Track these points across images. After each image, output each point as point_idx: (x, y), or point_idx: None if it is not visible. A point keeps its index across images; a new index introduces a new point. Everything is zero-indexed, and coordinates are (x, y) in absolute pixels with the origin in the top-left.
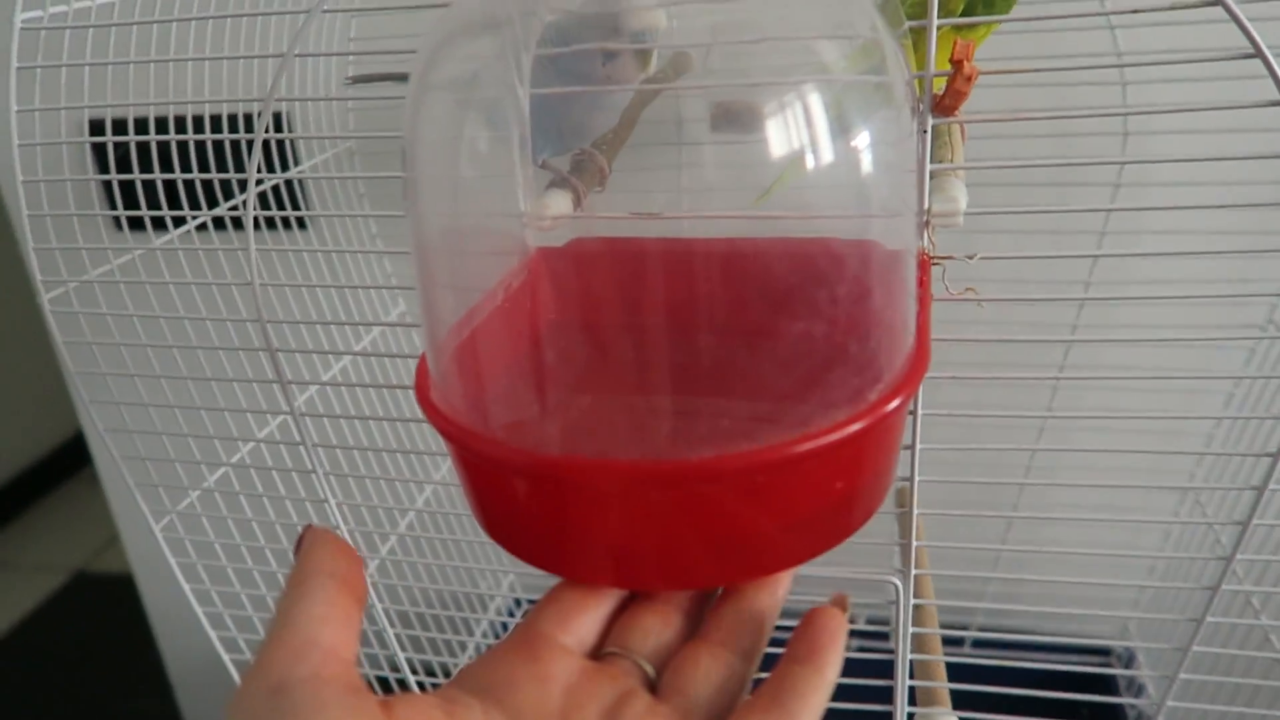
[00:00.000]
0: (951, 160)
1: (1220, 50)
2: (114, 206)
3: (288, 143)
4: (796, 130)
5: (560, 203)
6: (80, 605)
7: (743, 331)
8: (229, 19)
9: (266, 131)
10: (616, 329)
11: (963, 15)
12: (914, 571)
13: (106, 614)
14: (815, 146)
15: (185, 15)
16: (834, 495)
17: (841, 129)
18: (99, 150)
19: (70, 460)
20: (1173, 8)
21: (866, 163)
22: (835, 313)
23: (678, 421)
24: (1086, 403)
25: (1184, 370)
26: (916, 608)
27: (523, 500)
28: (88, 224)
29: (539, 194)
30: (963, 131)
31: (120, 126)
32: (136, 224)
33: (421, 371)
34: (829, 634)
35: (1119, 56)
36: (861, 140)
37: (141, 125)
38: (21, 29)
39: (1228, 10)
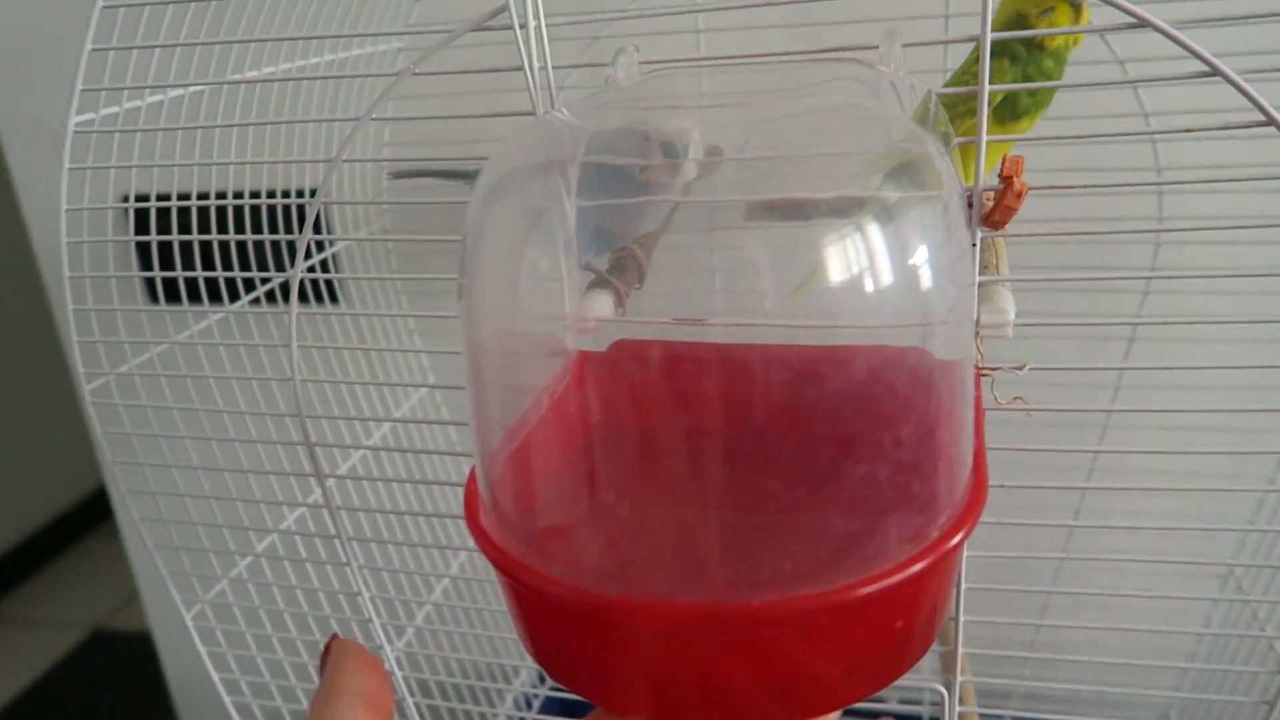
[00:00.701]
0: (997, 270)
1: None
2: (154, 297)
3: (324, 230)
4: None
5: (602, 304)
6: (97, 663)
7: (801, 457)
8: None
9: (312, 229)
10: (666, 450)
11: (997, 112)
12: (960, 679)
13: (124, 673)
14: (863, 258)
15: (229, 122)
16: (894, 634)
17: (895, 243)
18: (143, 245)
19: (90, 515)
20: (1225, 127)
21: (920, 276)
22: (903, 445)
23: (734, 559)
24: (1119, 504)
25: (1220, 462)
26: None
27: (570, 633)
28: (127, 310)
29: (581, 296)
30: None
31: (165, 217)
32: (175, 299)
33: (470, 492)
34: None
35: (1159, 172)
36: (915, 254)
37: (186, 217)
38: (75, 131)
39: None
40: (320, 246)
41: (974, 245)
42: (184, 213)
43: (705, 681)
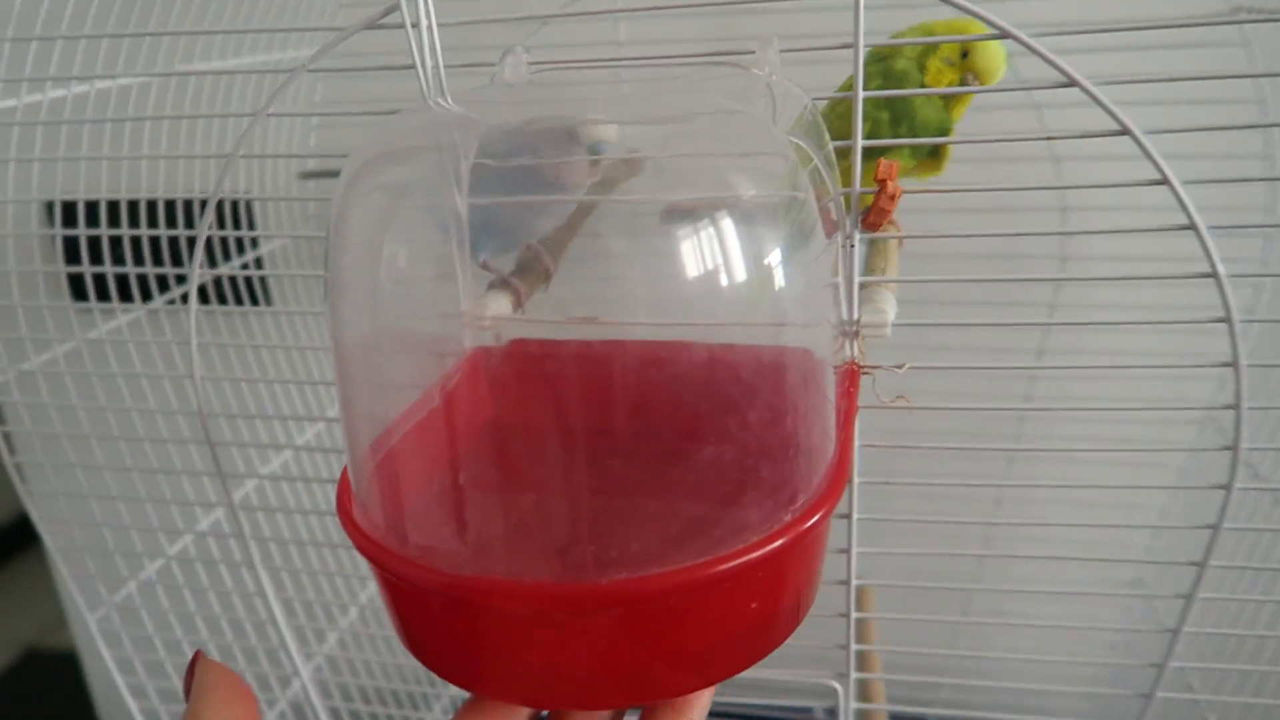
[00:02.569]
0: (884, 273)
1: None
2: (77, 294)
3: (245, 227)
4: (710, 248)
5: (500, 304)
6: (29, 682)
7: (659, 446)
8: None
9: (210, 227)
10: (535, 439)
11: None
12: (855, 675)
13: (55, 691)
14: (732, 260)
15: (142, 115)
16: (750, 616)
17: (754, 243)
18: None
19: (25, 534)
20: (1082, 135)
21: (780, 275)
22: (749, 430)
23: (591, 542)
24: (1043, 472)
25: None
26: (865, 712)
27: (435, 618)
28: (32, 309)
29: (480, 294)
30: (900, 243)
31: (71, 209)
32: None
33: (343, 488)
34: None
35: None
36: (774, 254)
37: (94, 210)
38: None
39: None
40: (254, 244)
41: (851, 246)
42: (97, 207)
43: (564, 664)
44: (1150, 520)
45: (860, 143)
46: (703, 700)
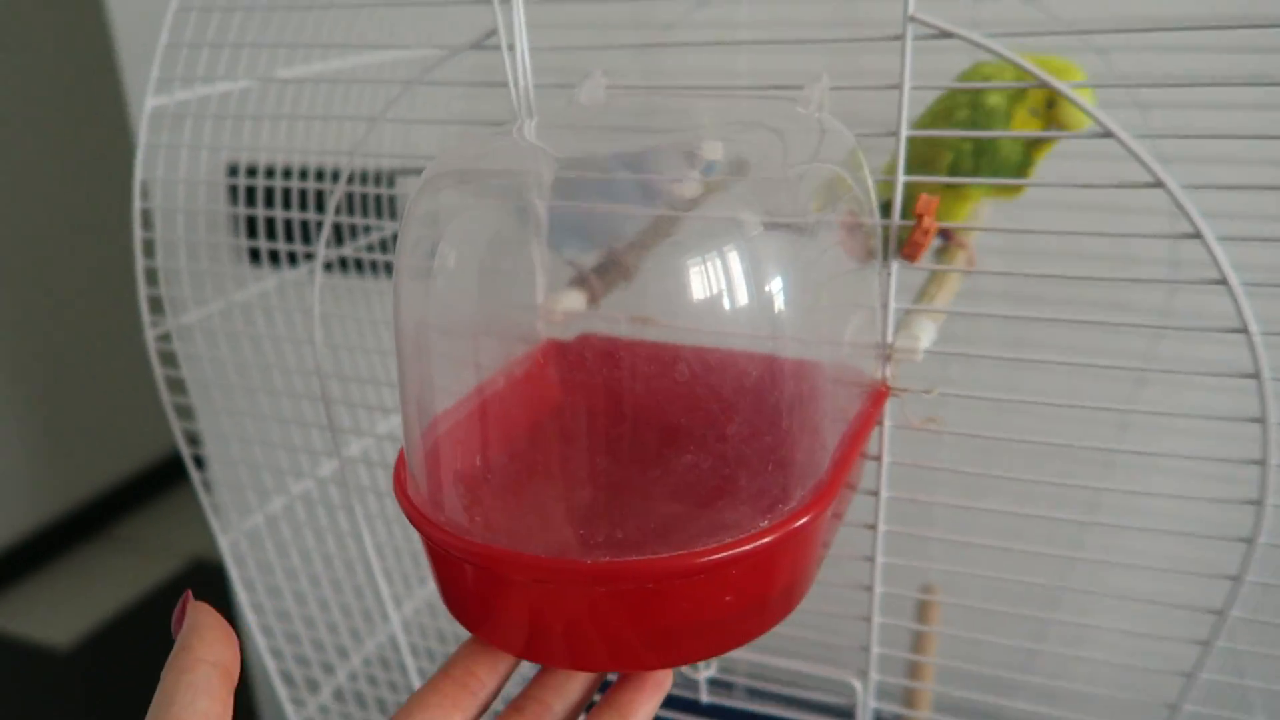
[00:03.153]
0: (934, 300)
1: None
2: (253, 258)
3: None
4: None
5: (573, 299)
6: (191, 585)
7: (662, 444)
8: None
9: (340, 210)
10: (556, 429)
11: (951, 174)
12: (875, 677)
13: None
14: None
15: (278, 113)
16: (724, 607)
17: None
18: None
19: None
20: (1119, 185)
21: (799, 292)
22: (729, 441)
23: (583, 526)
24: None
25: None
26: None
27: (453, 575)
28: (194, 270)
29: (557, 289)
30: (971, 260)
31: (250, 193)
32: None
33: (400, 463)
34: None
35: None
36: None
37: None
38: (150, 112)
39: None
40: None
41: (888, 274)
42: (256, 190)
43: (550, 626)
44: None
45: (901, 178)
46: (645, 709)
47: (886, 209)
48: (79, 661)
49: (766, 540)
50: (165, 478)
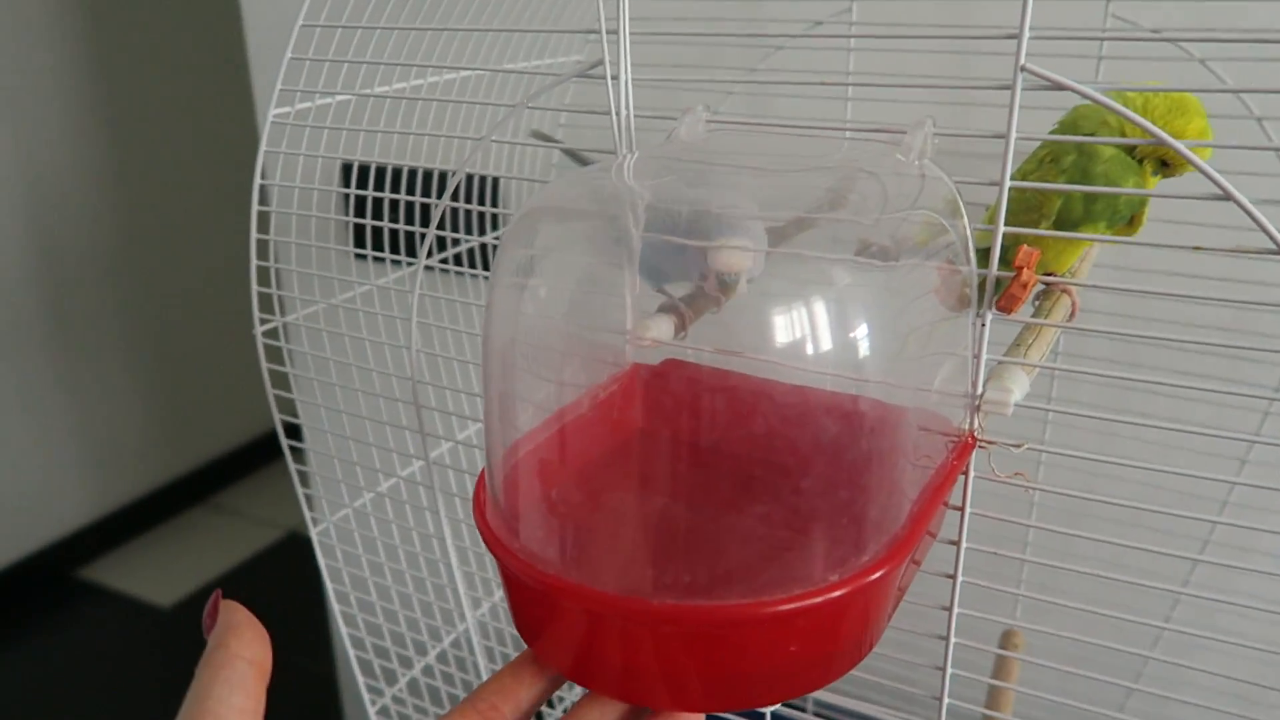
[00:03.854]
0: (1029, 350)
1: None
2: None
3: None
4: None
5: (661, 327)
6: (288, 559)
7: (735, 489)
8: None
9: (444, 220)
10: (640, 463)
11: (1058, 223)
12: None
13: (306, 570)
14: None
15: (389, 129)
16: (787, 657)
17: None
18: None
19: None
20: (1234, 251)
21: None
22: (802, 494)
23: (657, 565)
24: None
25: None
26: None
27: (521, 598)
28: (298, 275)
29: (647, 317)
30: (1072, 316)
31: (361, 203)
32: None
33: (479, 486)
34: None
35: None
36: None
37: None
38: (272, 121)
39: None
40: (494, 224)
41: (982, 325)
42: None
43: (606, 656)
44: None
45: (1001, 229)
46: None
47: (985, 257)
48: (179, 620)
49: (835, 595)
50: (269, 452)
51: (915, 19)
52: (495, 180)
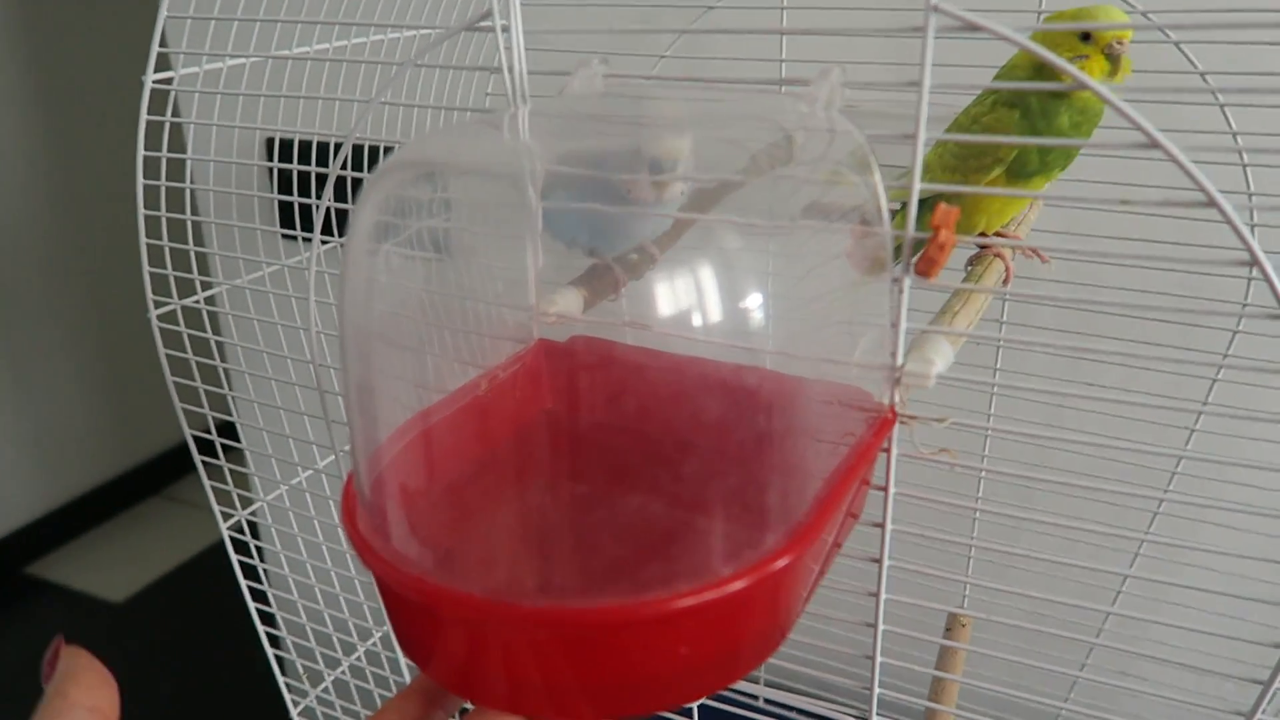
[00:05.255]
0: (955, 318)
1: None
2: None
3: None
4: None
5: (569, 301)
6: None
7: (609, 480)
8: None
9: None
10: (519, 448)
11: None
12: (876, 716)
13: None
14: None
15: (293, 93)
16: (678, 660)
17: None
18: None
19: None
20: (1162, 202)
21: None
22: (690, 480)
23: (529, 566)
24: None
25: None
26: None
27: (400, 607)
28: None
29: (553, 290)
30: (1006, 281)
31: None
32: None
33: (349, 482)
34: None
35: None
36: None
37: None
38: (152, 88)
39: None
40: None
41: (900, 291)
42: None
43: (489, 666)
44: None
45: (917, 186)
46: None
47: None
48: (132, 616)
49: (730, 589)
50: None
51: None
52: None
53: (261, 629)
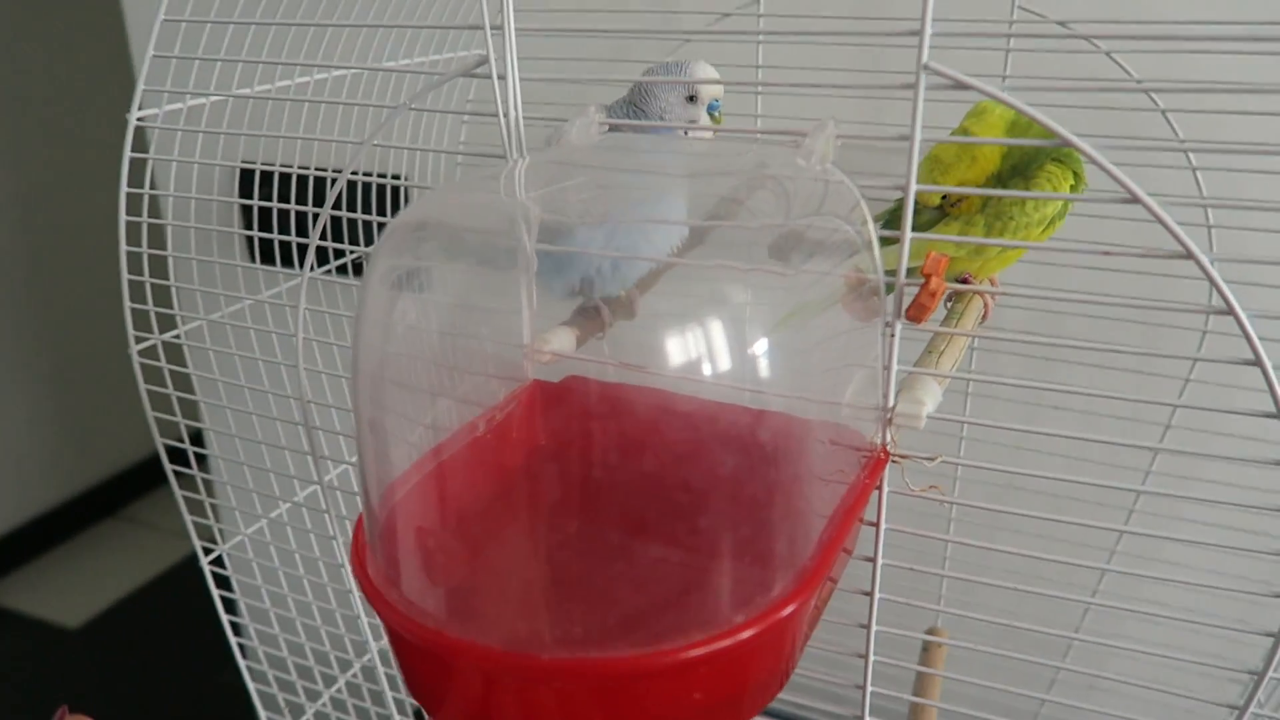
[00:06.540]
0: (940, 359)
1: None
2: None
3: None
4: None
5: (563, 339)
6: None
7: (625, 533)
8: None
9: (324, 234)
10: (531, 494)
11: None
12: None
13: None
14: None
15: (273, 133)
16: (692, 705)
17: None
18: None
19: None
20: (1145, 255)
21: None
22: (705, 533)
23: (546, 618)
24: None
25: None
26: None
27: (410, 655)
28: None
29: (547, 330)
30: (985, 317)
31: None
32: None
33: (358, 528)
34: None
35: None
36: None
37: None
38: (136, 125)
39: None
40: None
41: (892, 335)
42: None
43: (507, 712)
44: None
45: (909, 236)
46: None
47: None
48: (88, 641)
49: (741, 637)
50: (186, 461)
51: (824, 9)
52: (395, 184)
53: (243, 663)
